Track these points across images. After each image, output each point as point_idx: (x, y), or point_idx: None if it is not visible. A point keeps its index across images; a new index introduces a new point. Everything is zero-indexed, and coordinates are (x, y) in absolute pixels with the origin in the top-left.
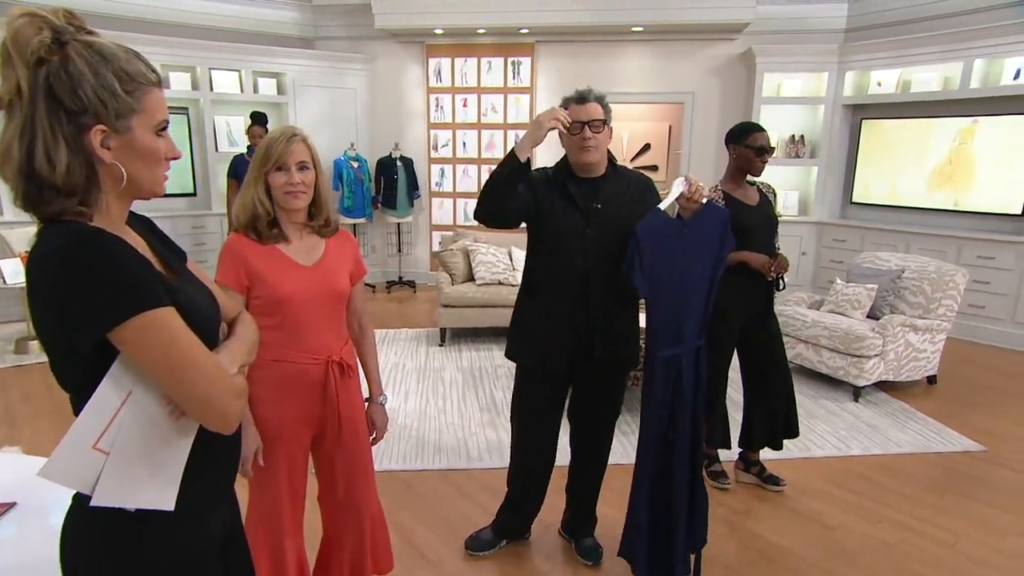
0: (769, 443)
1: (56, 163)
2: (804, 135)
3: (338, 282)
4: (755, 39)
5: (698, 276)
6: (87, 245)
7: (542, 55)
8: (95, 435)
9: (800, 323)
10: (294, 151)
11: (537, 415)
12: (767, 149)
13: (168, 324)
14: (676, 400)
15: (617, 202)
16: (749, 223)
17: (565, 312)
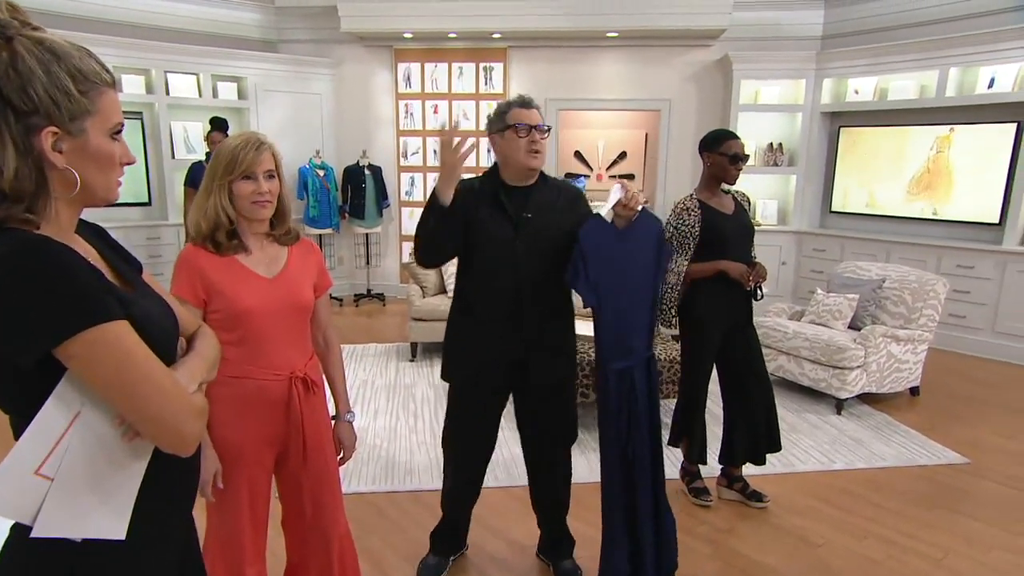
0: (751, 458)
1: (3, 167)
2: (782, 143)
3: (301, 294)
4: (732, 46)
5: (640, 286)
6: (32, 254)
7: (515, 61)
8: (38, 460)
9: (781, 334)
10: (263, 160)
11: (473, 438)
12: (741, 157)
13: (121, 338)
14: (631, 414)
15: (548, 212)
16: (725, 232)
17: (498, 329)
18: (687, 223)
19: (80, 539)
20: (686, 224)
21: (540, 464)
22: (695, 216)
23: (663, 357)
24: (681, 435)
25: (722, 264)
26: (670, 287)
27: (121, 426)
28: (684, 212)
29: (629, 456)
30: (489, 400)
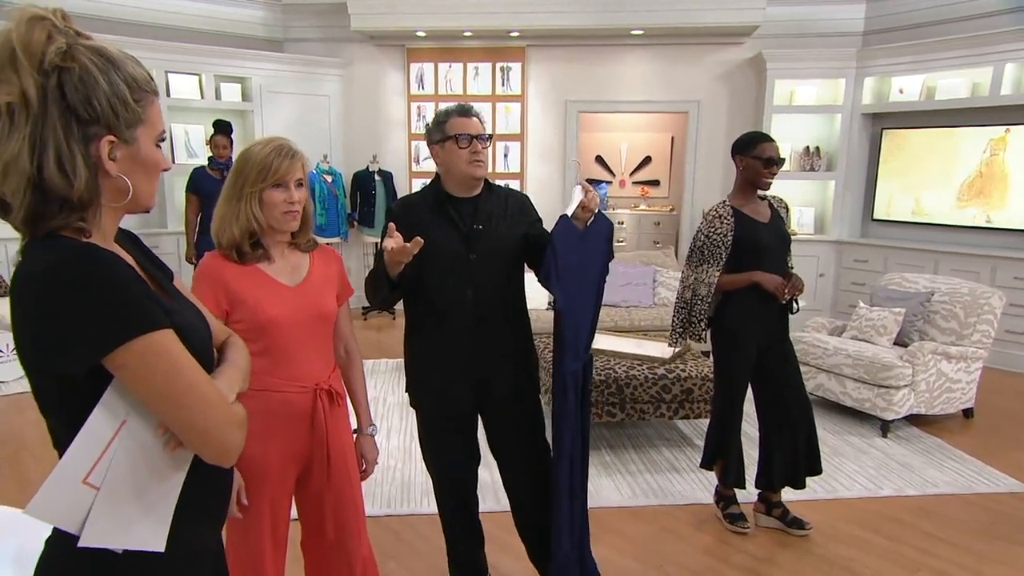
0: (790, 482)
1: (73, 175)
2: (820, 146)
3: (325, 303)
4: (765, 43)
5: (591, 286)
6: (84, 262)
7: (533, 60)
8: (86, 468)
9: (820, 351)
10: (296, 168)
11: (452, 461)
12: (776, 160)
13: (168, 348)
14: (582, 416)
15: (498, 221)
16: (761, 241)
17: (459, 350)
18: (719, 231)
19: (121, 550)
20: (718, 232)
21: (519, 488)
22: (728, 224)
23: (694, 374)
24: (715, 457)
25: (756, 275)
26: (700, 299)
27: (164, 436)
28: (716, 220)
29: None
30: (458, 421)
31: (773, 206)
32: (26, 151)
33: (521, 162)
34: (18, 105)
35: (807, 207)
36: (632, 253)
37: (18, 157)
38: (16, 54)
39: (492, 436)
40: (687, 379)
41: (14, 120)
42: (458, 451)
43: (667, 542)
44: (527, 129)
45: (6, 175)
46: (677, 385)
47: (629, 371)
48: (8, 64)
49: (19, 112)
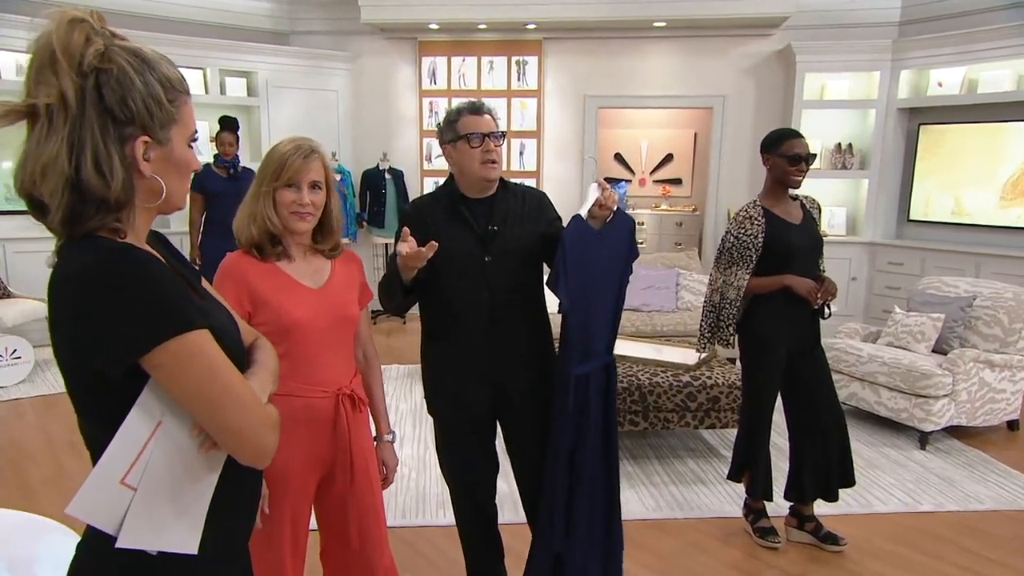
0: (822, 494)
1: (110, 176)
2: (852, 143)
3: (348, 306)
4: (795, 34)
5: (608, 288)
6: (122, 263)
7: (551, 54)
8: (123, 469)
9: (854, 358)
10: (311, 169)
11: (467, 465)
12: (804, 157)
13: (204, 348)
14: (583, 421)
15: (515, 221)
16: (792, 243)
17: (475, 353)
18: (749, 233)
19: (156, 552)
20: (748, 234)
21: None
22: (758, 225)
23: (720, 381)
24: (742, 468)
25: (787, 279)
26: (729, 303)
27: (199, 437)
28: (746, 221)
29: (576, 461)
30: (474, 425)
31: (805, 207)
32: (64, 152)
33: (537, 160)
34: (57, 107)
35: (838, 207)
36: (654, 255)
37: (56, 158)
38: (56, 56)
39: (509, 441)
40: (713, 387)
41: (52, 122)
42: (474, 455)
43: (694, 556)
44: (543, 125)
45: (45, 176)
46: (703, 393)
47: (652, 378)
48: (48, 66)
49: (57, 113)
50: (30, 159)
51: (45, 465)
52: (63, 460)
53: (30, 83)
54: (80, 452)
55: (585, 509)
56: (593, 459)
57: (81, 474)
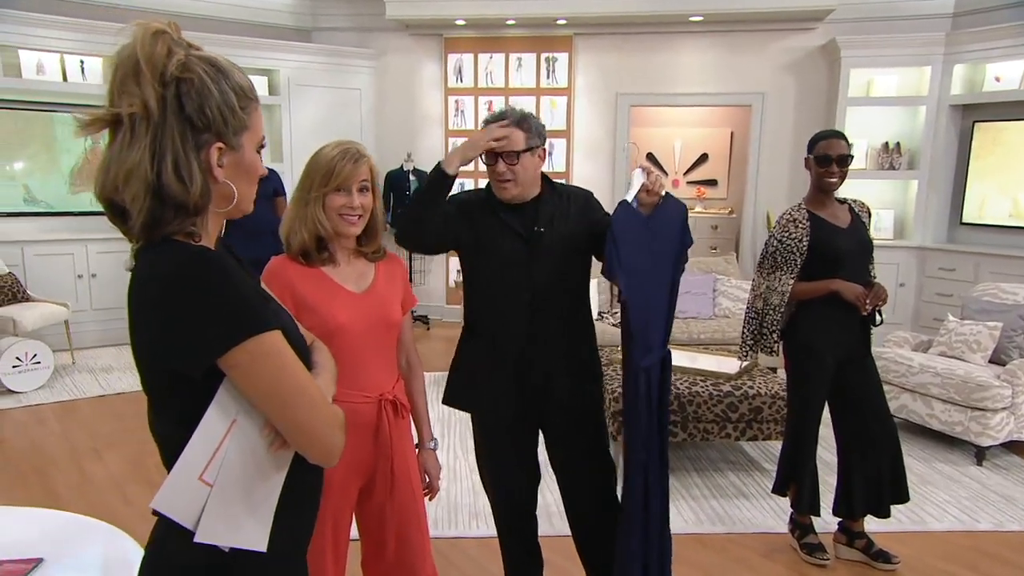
0: (873, 510)
1: (189, 182)
2: (900, 142)
3: (392, 311)
4: (839, 28)
5: (661, 276)
6: (202, 266)
7: (582, 50)
8: (201, 465)
9: (904, 368)
10: (360, 172)
11: (504, 471)
12: (832, 158)
13: (278, 348)
14: (648, 423)
15: (560, 222)
16: (840, 247)
17: (513, 353)
18: (793, 236)
19: (228, 548)
20: (792, 238)
21: (580, 507)
22: (803, 229)
23: (763, 391)
24: (787, 482)
25: (835, 284)
26: (772, 308)
27: (269, 435)
28: (790, 224)
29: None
30: (511, 430)
31: (854, 210)
32: (147, 159)
33: (567, 160)
34: (139, 115)
35: (885, 209)
36: (690, 260)
37: (139, 165)
38: (140, 67)
39: (552, 450)
40: (756, 397)
41: (135, 130)
42: (510, 461)
43: (738, 572)
44: (573, 125)
45: (127, 182)
46: (745, 403)
47: (691, 387)
48: (131, 76)
49: (140, 122)
50: (113, 165)
51: (69, 471)
52: (86, 466)
53: (113, 93)
54: (103, 458)
55: (657, 509)
56: (656, 460)
57: (105, 480)
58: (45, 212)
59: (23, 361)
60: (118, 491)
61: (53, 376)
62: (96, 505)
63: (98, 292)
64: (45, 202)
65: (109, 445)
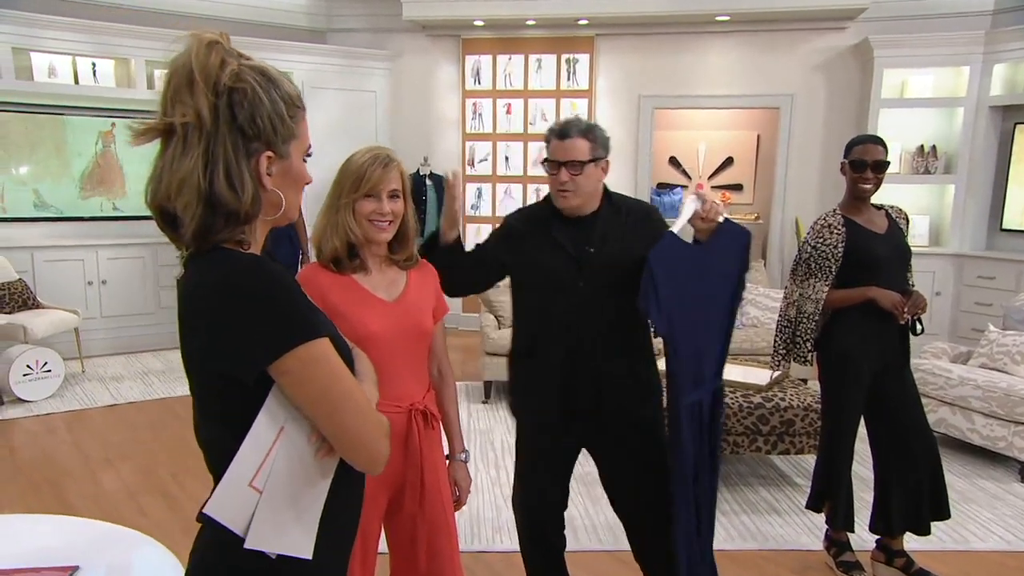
0: (912, 527)
1: (241, 190)
2: (936, 145)
3: (423, 319)
4: (872, 27)
5: (717, 306)
6: (256, 273)
7: (603, 51)
8: (251, 472)
9: (942, 380)
10: (390, 178)
11: (543, 498)
12: (866, 163)
13: (327, 355)
14: (699, 452)
15: (614, 240)
16: (876, 254)
17: (559, 376)
18: (828, 242)
19: (275, 555)
20: (827, 244)
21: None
22: (838, 234)
23: (795, 403)
24: (822, 497)
25: (872, 291)
26: (806, 317)
27: (316, 442)
28: (825, 230)
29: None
30: (552, 450)
31: (891, 216)
32: (199, 168)
33: None
34: (192, 125)
35: (920, 215)
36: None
37: (191, 173)
38: (194, 77)
39: (609, 473)
40: (787, 409)
41: (188, 139)
42: (551, 482)
43: None
44: None
45: (180, 190)
46: (776, 416)
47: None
48: (185, 87)
49: (193, 131)
50: (165, 174)
51: (82, 481)
52: (100, 476)
53: (166, 102)
54: (116, 468)
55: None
56: (708, 491)
57: (119, 491)
58: (55, 217)
59: (34, 369)
60: (132, 501)
61: (63, 385)
62: (111, 516)
63: (108, 299)
64: (55, 207)
65: (121, 455)
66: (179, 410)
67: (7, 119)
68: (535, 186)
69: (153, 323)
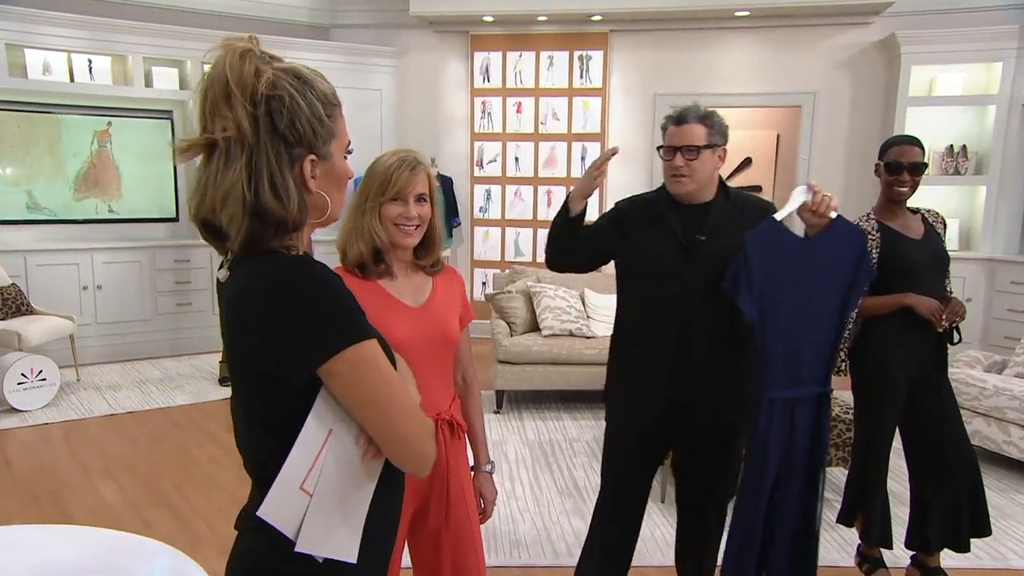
0: (950, 543)
1: (286, 199)
2: (966, 145)
3: (449, 326)
4: (899, 22)
5: (824, 306)
6: (305, 275)
7: (618, 48)
8: (302, 475)
9: (976, 390)
10: (417, 182)
11: (625, 486)
12: (903, 166)
13: (376, 357)
14: (788, 455)
15: (726, 232)
16: (912, 260)
17: (658, 365)
18: None
19: (322, 559)
20: None
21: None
22: (872, 240)
23: None
24: (854, 510)
25: (908, 298)
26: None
27: (363, 445)
28: None
29: (775, 502)
30: (645, 443)
31: (927, 221)
32: (243, 180)
33: None
34: (234, 138)
35: (950, 218)
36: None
37: (235, 186)
38: (230, 89)
39: (685, 468)
40: (831, 403)
41: (230, 152)
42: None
43: None
44: (608, 128)
45: (225, 203)
46: None
47: None
48: (223, 100)
49: (235, 144)
50: (210, 188)
51: (83, 493)
52: (101, 488)
53: (205, 117)
54: (118, 480)
55: (782, 560)
56: (792, 503)
57: (121, 503)
58: (49, 220)
59: (28, 378)
60: (136, 514)
61: (58, 394)
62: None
63: (103, 305)
64: (49, 209)
65: (122, 467)
66: (179, 420)
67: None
68: (546, 187)
69: (150, 330)
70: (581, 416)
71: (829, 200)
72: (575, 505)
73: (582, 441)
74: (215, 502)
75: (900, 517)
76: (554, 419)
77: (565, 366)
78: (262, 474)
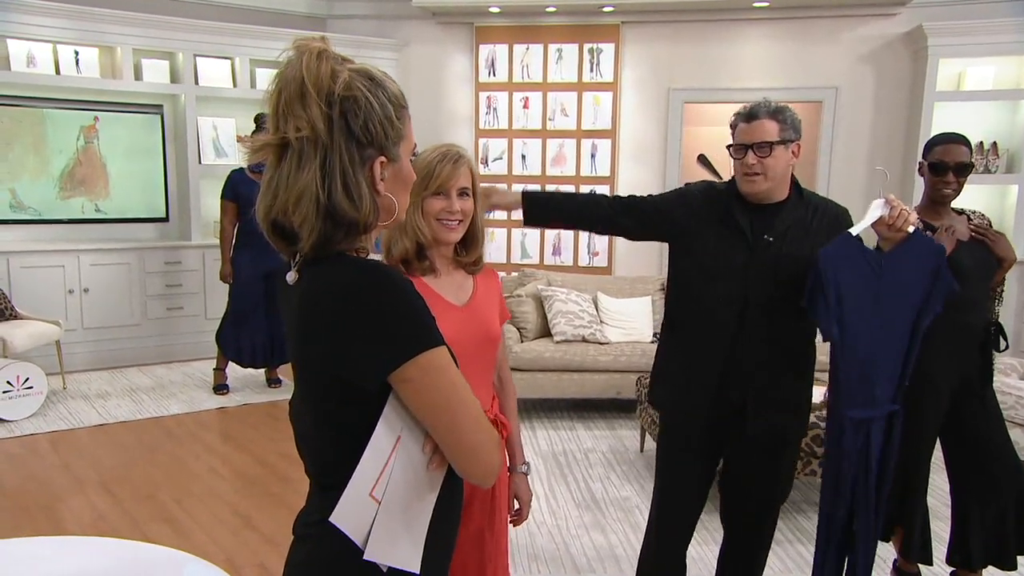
0: (995, 560)
1: (358, 200)
2: (997, 142)
3: (492, 325)
4: (926, 13)
5: (897, 324)
6: (380, 279)
7: (630, 40)
8: (372, 481)
9: (1012, 399)
10: (460, 175)
11: (675, 488)
12: (948, 166)
13: (447, 363)
14: (861, 478)
15: (795, 235)
16: (960, 264)
17: (710, 363)
18: None
19: (386, 567)
20: None
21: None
22: None
23: None
24: (892, 524)
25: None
26: None
27: (429, 453)
28: None
29: (853, 526)
30: (697, 440)
31: (973, 223)
32: (318, 180)
33: (612, 163)
34: (308, 138)
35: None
36: None
37: (309, 186)
38: (305, 89)
39: (732, 475)
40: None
41: (304, 153)
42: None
43: None
44: (619, 124)
45: (298, 204)
46: None
47: None
48: (297, 100)
49: (308, 144)
50: (282, 189)
51: (78, 507)
52: (96, 501)
53: (278, 116)
54: (114, 494)
55: None
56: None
57: (120, 518)
58: (33, 220)
59: (14, 386)
60: (136, 529)
61: (45, 403)
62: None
63: (90, 309)
64: (33, 208)
65: (117, 479)
66: (173, 430)
67: None
68: (554, 186)
69: (139, 335)
70: (595, 426)
71: (908, 214)
72: (594, 519)
73: (597, 452)
74: (217, 515)
75: (938, 533)
76: (567, 428)
77: (578, 373)
78: (325, 479)
